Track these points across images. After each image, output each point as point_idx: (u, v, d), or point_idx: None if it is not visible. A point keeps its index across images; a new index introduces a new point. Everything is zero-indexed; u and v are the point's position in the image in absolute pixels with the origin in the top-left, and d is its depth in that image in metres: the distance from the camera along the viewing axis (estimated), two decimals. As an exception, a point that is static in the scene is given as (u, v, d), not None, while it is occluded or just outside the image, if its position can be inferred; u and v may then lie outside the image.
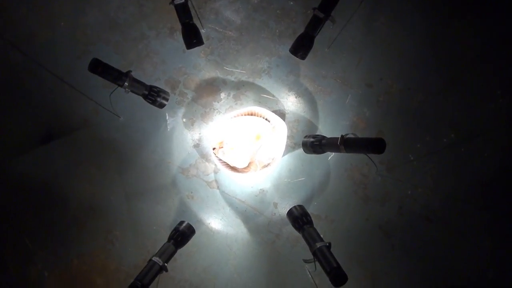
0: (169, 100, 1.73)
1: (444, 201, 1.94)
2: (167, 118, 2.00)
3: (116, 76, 1.57)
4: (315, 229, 1.44)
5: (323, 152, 1.59)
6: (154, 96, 1.66)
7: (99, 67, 1.55)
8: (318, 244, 1.33)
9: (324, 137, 1.58)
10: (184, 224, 1.65)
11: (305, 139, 1.67)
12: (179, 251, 1.65)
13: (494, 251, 1.91)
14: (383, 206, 1.93)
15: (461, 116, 2.01)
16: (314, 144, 1.57)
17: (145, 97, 1.66)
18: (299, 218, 1.50)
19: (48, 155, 1.97)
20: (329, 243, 1.35)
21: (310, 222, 1.50)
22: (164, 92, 1.70)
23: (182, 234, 1.60)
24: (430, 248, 1.92)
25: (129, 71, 1.61)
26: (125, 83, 1.58)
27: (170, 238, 1.59)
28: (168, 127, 1.99)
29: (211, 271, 1.89)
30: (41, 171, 1.97)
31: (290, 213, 1.57)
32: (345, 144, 1.38)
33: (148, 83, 1.93)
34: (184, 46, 1.70)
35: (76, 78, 1.99)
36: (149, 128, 1.99)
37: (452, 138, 1.98)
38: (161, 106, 1.71)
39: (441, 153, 1.97)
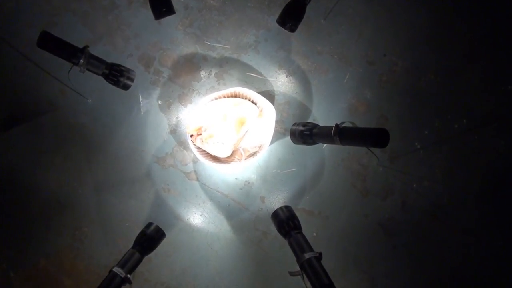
0: (135, 80, 1.48)
1: (454, 196, 1.72)
2: (140, 100, 1.78)
3: (71, 53, 1.33)
4: (303, 236, 1.23)
5: (314, 143, 1.35)
6: (116, 75, 1.41)
7: (49, 42, 1.31)
8: (307, 255, 1.11)
9: (316, 125, 1.33)
10: (152, 227, 1.43)
11: (294, 128, 1.42)
12: (153, 252, 1.46)
13: (509, 252, 1.70)
14: (384, 201, 1.72)
15: (476, 99, 1.77)
16: (304, 134, 1.33)
17: (106, 77, 1.42)
18: (285, 222, 1.28)
19: (10, 142, 1.76)
20: (320, 253, 1.14)
21: (298, 227, 1.27)
22: (128, 71, 1.45)
23: (150, 239, 1.39)
24: (437, 248, 1.71)
25: (86, 47, 1.36)
26: (80, 61, 1.33)
27: (135, 244, 1.38)
28: (142, 110, 1.78)
29: (190, 273, 1.70)
30: (3, 160, 1.75)
31: (275, 215, 1.34)
32: (340, 135, 1.14)
33: (119, 60, 1.72)
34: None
35: (41, 54, 1.72)
36: (121, 111, 1.78)
37: (465, 124, 1.75)
38: (126, 87, 1.47)
39: (451, 141, 1.75)
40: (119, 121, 1.77)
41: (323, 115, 1.75)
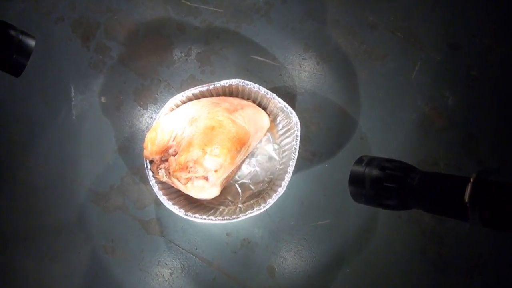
0: (33, 52, 0.74)
1: None
2: (72, 95, 1.11)
3: None
4: None
5: (406, 207, 0.62)
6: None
7: None
8: None
9: (411, 168, 0.61)
10: None
11: (358, 170, 0.66)
12: None
13: None
14: (470, 279, 1.05)
15: None
16: (386, 188, 0.60)
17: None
18: None
19: None
20: None
21: None
22: (21, 38, 0.71)
23: None
24: None
25: None
26: None
27: None
28: (74, 112, 1.10)
29: None
30: None
31: None
32: (485, 205, 0.46)
33: (41, 25, 1.15)
34: None
35: None
36: (40, 113, 1.11)
37: None
38: (17, 69, 0.73)
39: None
40: (37, 129, 1.11)
41: (376, 131, 1.07)
